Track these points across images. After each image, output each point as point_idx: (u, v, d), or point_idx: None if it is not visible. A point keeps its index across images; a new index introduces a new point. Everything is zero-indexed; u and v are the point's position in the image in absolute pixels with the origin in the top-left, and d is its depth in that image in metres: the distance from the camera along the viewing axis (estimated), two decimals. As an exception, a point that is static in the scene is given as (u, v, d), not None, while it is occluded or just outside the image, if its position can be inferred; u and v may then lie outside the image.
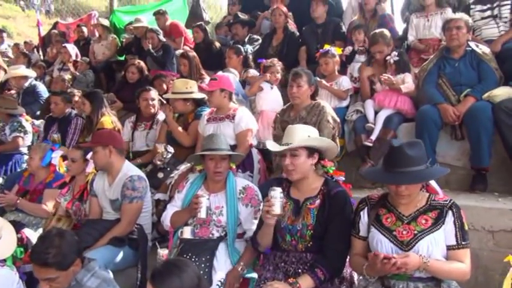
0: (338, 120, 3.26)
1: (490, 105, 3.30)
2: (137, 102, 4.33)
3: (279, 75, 4.30)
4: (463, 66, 3.57)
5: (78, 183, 3.44)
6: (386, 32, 4.08)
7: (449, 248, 2.02)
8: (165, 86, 5.05)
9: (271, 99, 4.17)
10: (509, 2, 4.09)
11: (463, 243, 2.01)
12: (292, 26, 5.33)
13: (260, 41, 5.57)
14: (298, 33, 5.28)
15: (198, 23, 6.13)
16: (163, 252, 2.65)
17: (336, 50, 4.22)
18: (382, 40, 3.93)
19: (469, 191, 3.30)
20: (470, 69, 3.54)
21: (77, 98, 5.04)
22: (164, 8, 6.69)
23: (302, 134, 2.38)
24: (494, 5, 4.15)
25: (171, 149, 3.76)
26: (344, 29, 5.12)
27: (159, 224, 3.36)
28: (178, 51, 6.14)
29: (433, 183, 2.16)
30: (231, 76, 3.97)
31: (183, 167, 3.62)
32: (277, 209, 2.20)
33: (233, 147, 3.31)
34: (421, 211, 2.08)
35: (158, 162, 3.74)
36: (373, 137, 3.68)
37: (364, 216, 2.19)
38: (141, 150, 4.20)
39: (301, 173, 2.36)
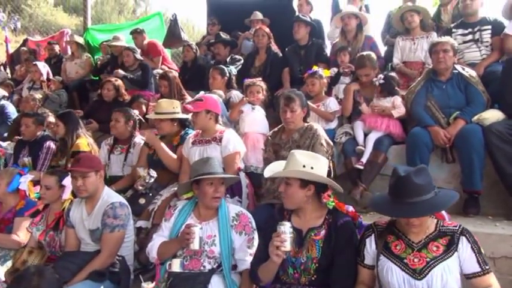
0: (331, 143, 3.21)
1: (480, 128, 3.32)
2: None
3: (260, 95, 4.23)
4: (450, 89, 3.61)
5: (52, 211, 3.19)
6: (373, 55, 4.12)
7: (474, 275, 1.96)
8: (144, 108, 4.90)
9: (254, 120, 4.09)
10: (489, 27, 4.22)
11: (486, 267, 1.96)
12: (275, 47, 5.32)
13: (242, 61, 5.54)
14: (281, 54, 5.27)
15: (190, 43, 6.07)
16: (148, 287, 2.45)
17: (323, 72, 4.19)
18: (369, 63, 3.95)
19: (462, 215, 3.27)
20: (458, 92, 3.59)
21: (51, 120, 4.78)
22: (141, 27, 6.59)
23: (298, 164, 2.30)
24: (475, 29, 4.27)
25: (153, 173, 3.59)
26: (327, 50, 5.13)
27: (140, 253, 3.21)
28: (157, 71, 6.06)
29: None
30: (217, 97, 3.87)
31: (167, 193, 3.48)
32: (288, 246, 2.07)
33: (220, 172, 3.17)
34: (431, 238, 2.02)
35: (140, 187, 3.55)
36: (364, 159, 3.64)
37: (371, 243, 2.10)
38: (117, 175, 3.99)
39: (293, 203, 2.30)
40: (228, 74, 4.72)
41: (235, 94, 4.56)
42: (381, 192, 3.51)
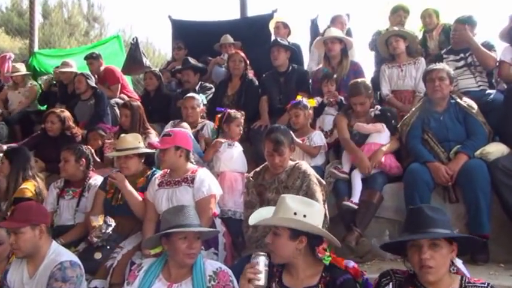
0: (324, 182, 3.14)
1: (484, 163, 3.30)
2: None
3: (240, 130, 4.11)
4: (448, 120, 3.61)
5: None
6: (368, 82, 4.11)
7: None
8: (100, 142, 4.73)
9: (231, 158, 3.94)
10: (480, 50, 4.29)
11: None
12: (250, 74, 5.29)
13: (213, 89, 5.44)
14: (256, 82, 5.22)
15: (152, 69, 5.97)
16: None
17: (308, 102, 4.12)
18: (365, 91, 3.91)
19: (470, 263, 3.18)
20: (457, 123, 3.58)
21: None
22: (98, 51, 6.44)
23: (289, 211, 2.21)
24: (467, 54, 4.37)
25: (111, 222, 3.38)
26: (309, 77, 5.11)
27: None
28: (115, 100, 5.89)
29: (460, 265, 2.05)
30: (188, 132, 3.73)
31: (129, 245, 3.29)
32: (262, 280, 2.05)
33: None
34: None
35: (95, 239, 3.31)
36: (355, 198, 3.55)
37: None
38: (67, 224, 3.75)
39: (282, 257, 2.23)
40: (202, 104, 4.63)
41: (208, 125, 4.44)
42: (378, 238, 3.48)
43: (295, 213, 2.19)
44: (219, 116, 4.15)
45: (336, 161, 4.03)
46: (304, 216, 2.18)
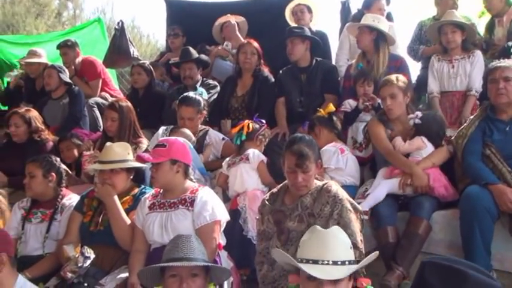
0: (360, 208, 3.13)
1: None
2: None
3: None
4: (516, 132, 3.63)
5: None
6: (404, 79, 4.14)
7: None
8: (76, 152, 4.82)
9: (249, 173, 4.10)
10: None
11: None
12: (266, 70, 5.33)
13: (218, 88, 5.49)
14: (273, 79, 5.27)
15: (141, 62, 6.03)
16: None
17: (325, 110, 4.23)
18: (397, 82, 3.99)
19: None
20: (528, 136, 3.60)
21: None
22: (74, 38, 6.55)
23: (344, 252, 2.24)
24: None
25: (90, 253, 3.40)
26: (337, 75, 5.17)
27: None
28: (94, 100, 5.95)
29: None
30: (185, 141, 3.76)
31: (112, 281, 3.29)
32: None
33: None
34: None
35: (69, 275, 3.32)
36: (366, 206, 3.64)
37: None
38: (35, 254, 3.79)
39: None
40: (204, 108, 4.70)
41: (214, 135, 4.46)
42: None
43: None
44: (255, 126, 4.25)
45: (371, 180, 4.09)
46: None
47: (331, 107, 4.39)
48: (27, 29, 13.90)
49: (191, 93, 4.86)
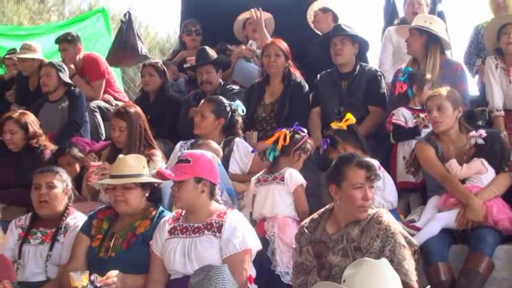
0: (415, 242, 3.20)
1: None
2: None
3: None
4: None
5: None
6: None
7: None
8: (78, 167, 4.92)
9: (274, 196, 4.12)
10: None
11: None
12: (297, 73, 5.41)
13: (241, 94, 5.60)
14: (307, 86, 5.38)
15: (154, 61, 6.08)
16: None
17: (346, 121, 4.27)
18: (446, 93, 4.08)
19: None
20: None
21: None
22: (75, 32, 6.63)
23: None
24: None
25: (100, 283, 3.51)
26: (384, 83, 5.25)
27: None
28: (96, 103, 6.12)
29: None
30: (212, 156, 3.88)
31: None
32: None
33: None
34: None
35: (75, 306, 3.46)
36: (419, 240, 3.62)
37: None
38: (35, 281, 3.87)
39: None
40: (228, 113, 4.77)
41: (243, 145, 4.61)
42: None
43: None
44: (296, 136, 4.25)
45: (421, 207, 4.17)
46: None
47: (352, 118, 4.37)
48: (6, 16, 14.02)
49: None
